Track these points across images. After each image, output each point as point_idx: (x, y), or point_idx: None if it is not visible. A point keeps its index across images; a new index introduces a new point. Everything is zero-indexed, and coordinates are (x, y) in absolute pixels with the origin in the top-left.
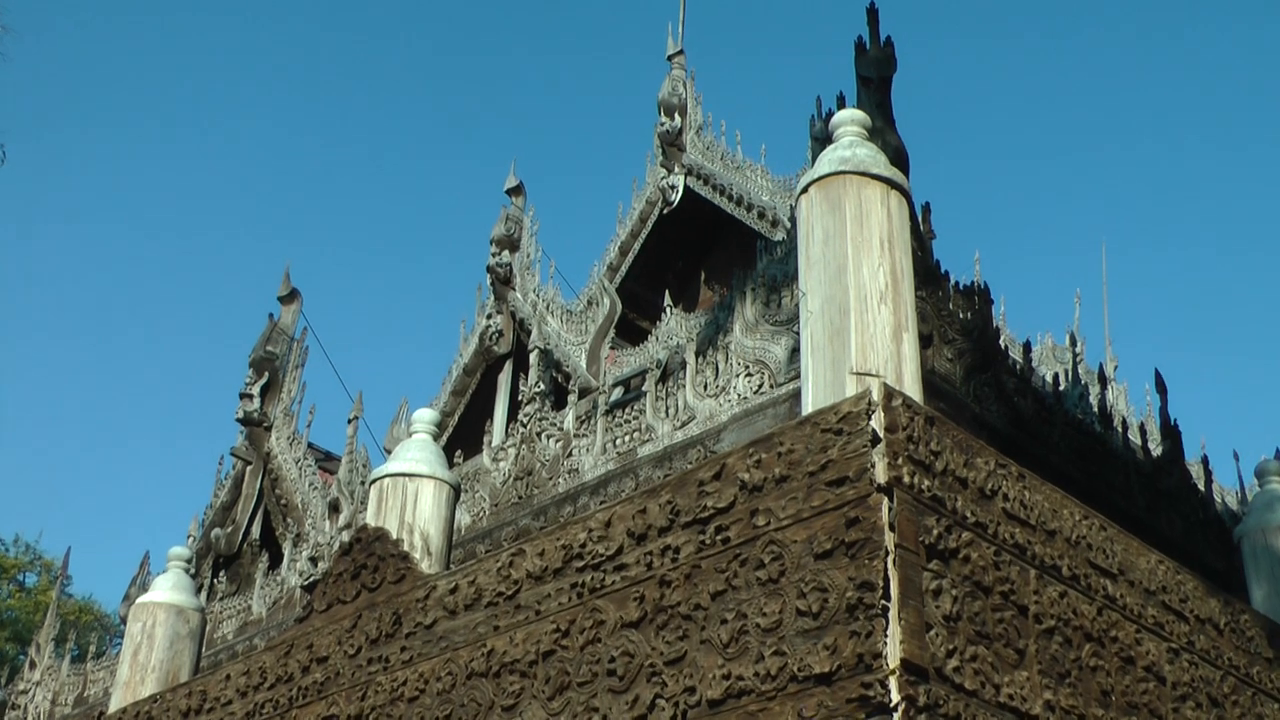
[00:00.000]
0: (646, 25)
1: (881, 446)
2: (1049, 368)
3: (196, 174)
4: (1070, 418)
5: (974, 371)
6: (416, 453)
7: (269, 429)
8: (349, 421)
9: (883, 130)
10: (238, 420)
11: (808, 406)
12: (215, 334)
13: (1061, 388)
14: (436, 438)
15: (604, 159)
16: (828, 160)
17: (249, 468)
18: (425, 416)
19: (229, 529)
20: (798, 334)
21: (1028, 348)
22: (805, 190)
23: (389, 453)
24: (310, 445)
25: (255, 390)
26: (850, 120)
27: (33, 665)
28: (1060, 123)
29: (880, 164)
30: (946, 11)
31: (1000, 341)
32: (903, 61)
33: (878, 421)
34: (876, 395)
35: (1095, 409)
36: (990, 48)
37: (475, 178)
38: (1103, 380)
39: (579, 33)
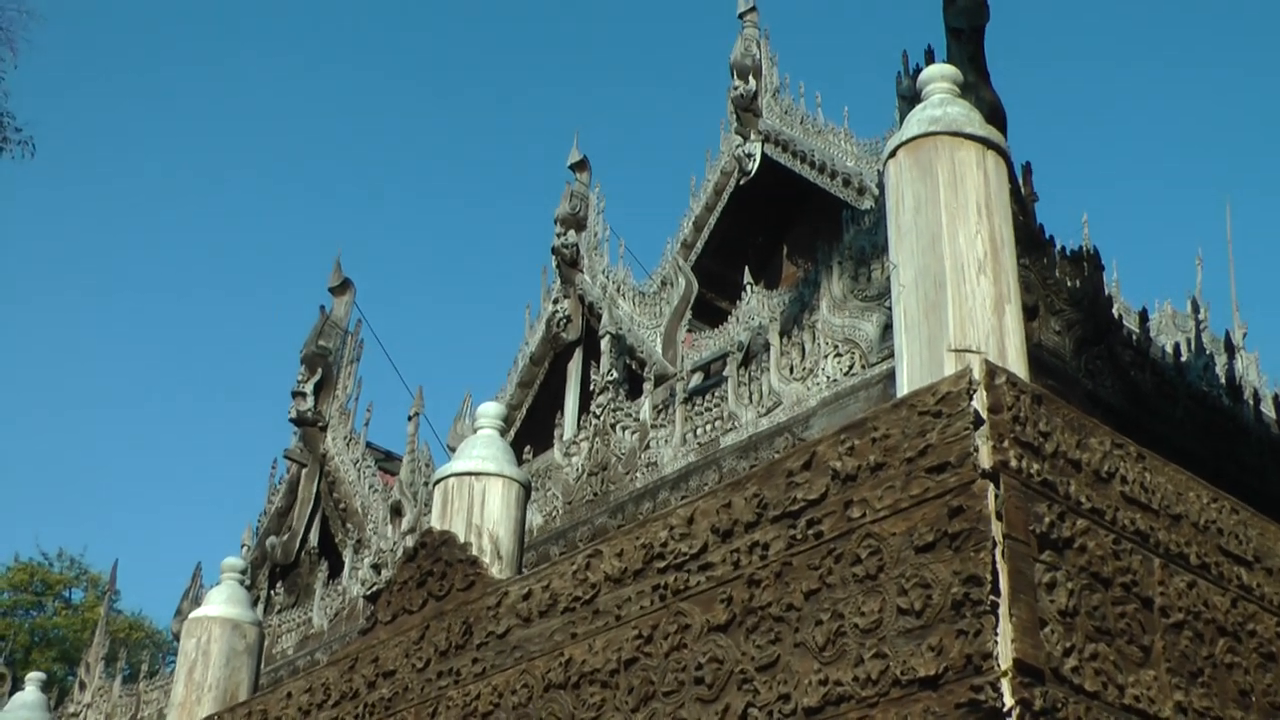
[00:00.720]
0: None
1: (985, 429)
2: (1169, 337)
3: (246, 160)
4: (1194, 391)
5: (1085, 344)
6: (482, 449)
7: (324, 429)
8: (409, 419)
9: (976, 85)
10: (291, 420)
11: (903, 388)
12: (266, 329)
13: (1184, 359)
14: (503, 433)
15: (674, 128)
16: (916, 120)
17: (304, 471)
18: (490, 410)
19: (285, 537)
20: (890, 310)
21: (1144, 316)
22: (893, 154)
23: (453, 450)
24: (369, 445)
25: (308, 388)
26: (940, 76)
27: (83, 686)
28: (1172, 66)
29: (974, 122)
30: None
31: (1114, 310)
32: (996, 8)
33: (980, 402)
34: (978, 373)
35: (1222, 380)
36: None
37: (536, 153)
38: (1230, 349)
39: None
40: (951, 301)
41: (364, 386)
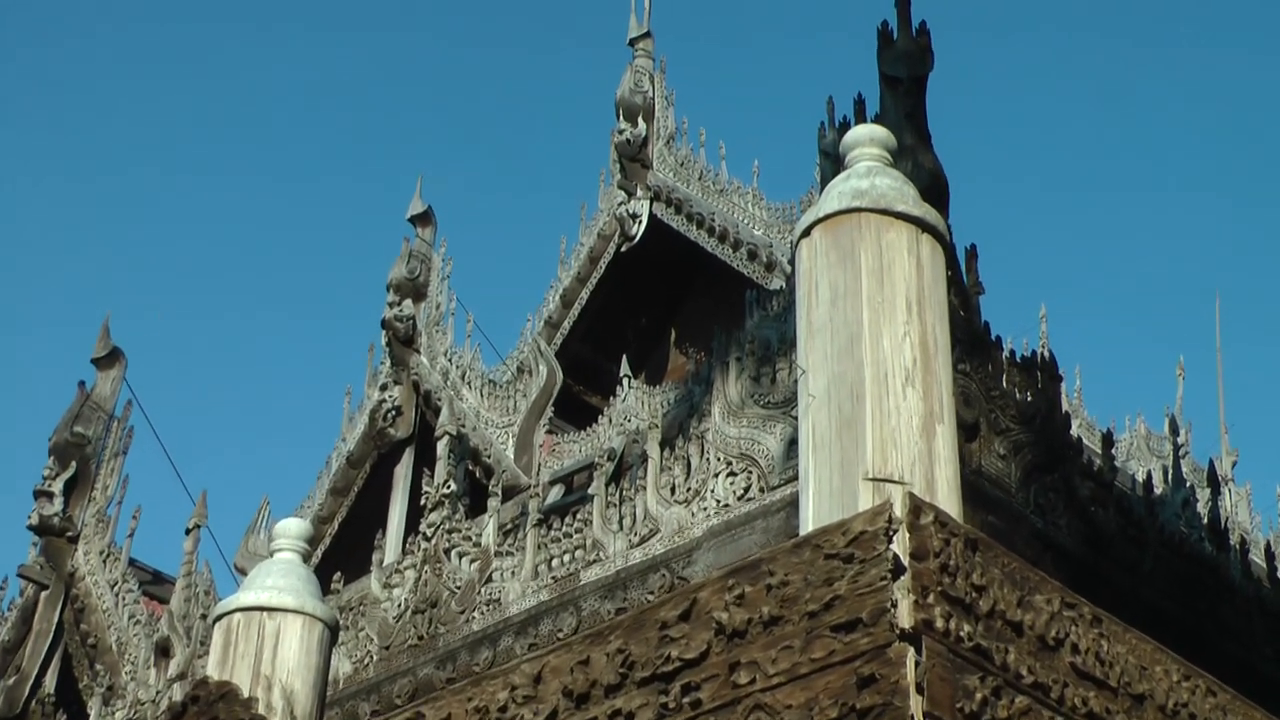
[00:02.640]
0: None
1: (906, 579)
2: (1141, 464)
3: None
4: (1169, 534)
5: (1036, 472)
6: (279, 578)
7: (74, 540)
8: (187, 531)
9: (914, 149)
10: (30, 528)
11: (807, 522)
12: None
13: (1157, 492)
14: (308, 556)
15: (543, 176)
16: (838, 193)
17: (44, 594)
18: (292, 529)
19: (11, 680)
20: (795, 421)
21: (1109, 439)
22: (808, 231)
23: (242, 575)
24: (133, 563)
25: (56, 486)
26: (869, 139)
27: None
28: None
29: (908, 198)
30: None
31: (1073, 430)
32: (941, 57)
33: (901, 544)
34: (900, 509)
35: (1205, 521)
36: (1060, 36)
37: (368, 201)
38: (1214, 481)
39: (508, 8)
40: (871, 418)
41: (131, 486)
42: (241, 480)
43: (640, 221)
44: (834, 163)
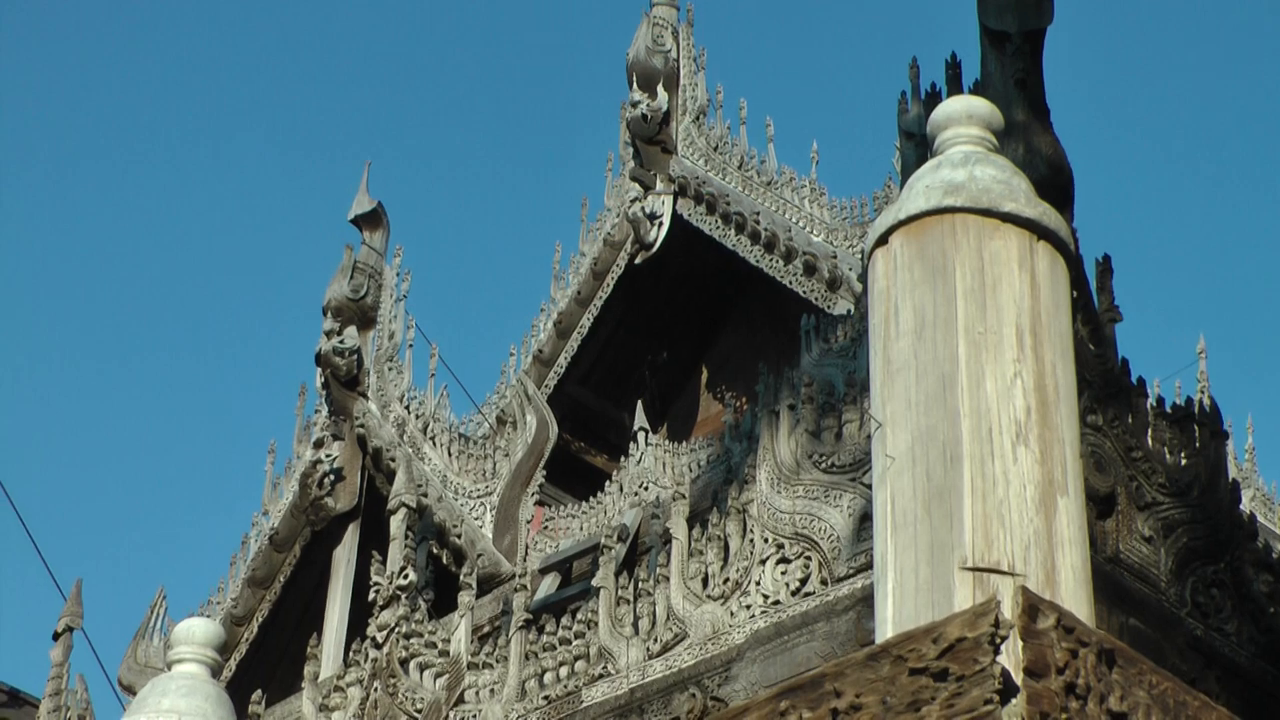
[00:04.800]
0: None
1: (1019, 703)
2: None
3: None
4: None
5: (1194, 560)
6: (180, 698)
7: None
8: (55, 636)
9: (1026, 129)
10: None
11: (886, 627)
12: None
13: None
14: (218, 669)
15: (529, 165)
16: (925, 187)
17: None
18: (198, 631)
19: None
20: (869, 491)
21: None
22: (885, 239)
23: (129, 694)
24: None
25: None
26: (966, 116)
27: None
28: None
29: (1019, 194)
30: None
31: (1244, 504)
32: (1064, 5)
33: (1012, 656)
34: (1010, 609)
35: None
36: None
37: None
38: None
39: None
40: (970, 487)
41: None
42: (128, 567)
43: (660, 224)
44: (919, 147)
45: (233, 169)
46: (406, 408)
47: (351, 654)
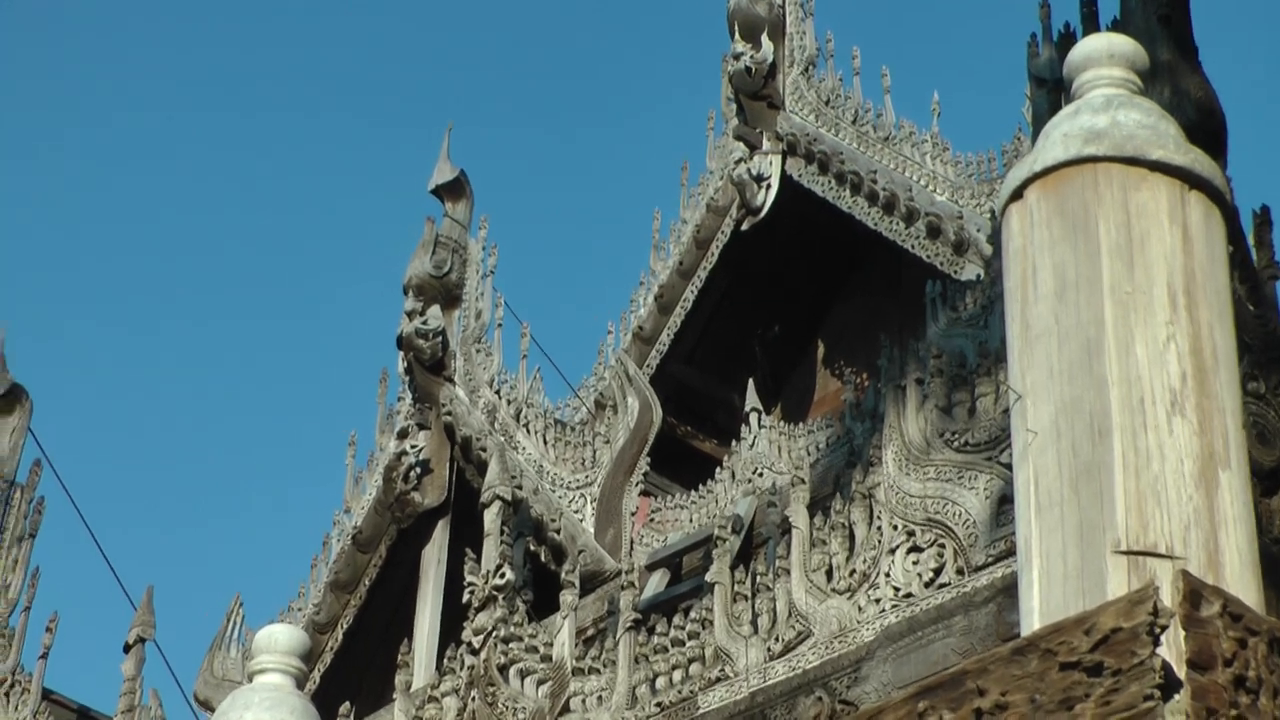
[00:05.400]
0: None
1: (1183, 698)
2: None
3: None
4: None
5: None
6: (264, 712)
7: None
8: (126, 648)
9: (1173, 69)
10: None
11: (1032, 618)
12: None
13: None
14: (303, 679)
15: (622, 125)
16: (1063, 135)
17: None
18: (280, 639)
19: None
20: (1008, 470)
21: None
22: (1019, 193)
23: (207, 711)
24: (48, 696)
25: None
26: (1107, 56)
27: None
28: None
29: (1168, 140)
30: None
31: None
32: None
33: (1173, 647)
34: (1170, 595)
35: None
36: None
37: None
38: None
39: None
40: (1122, 463)
41: (42, 584)
42: (201, 573)
43: (768, 186)
44: (1051, 94)
45: (303, 138)
46: (497, 392)
47: (445, 661)
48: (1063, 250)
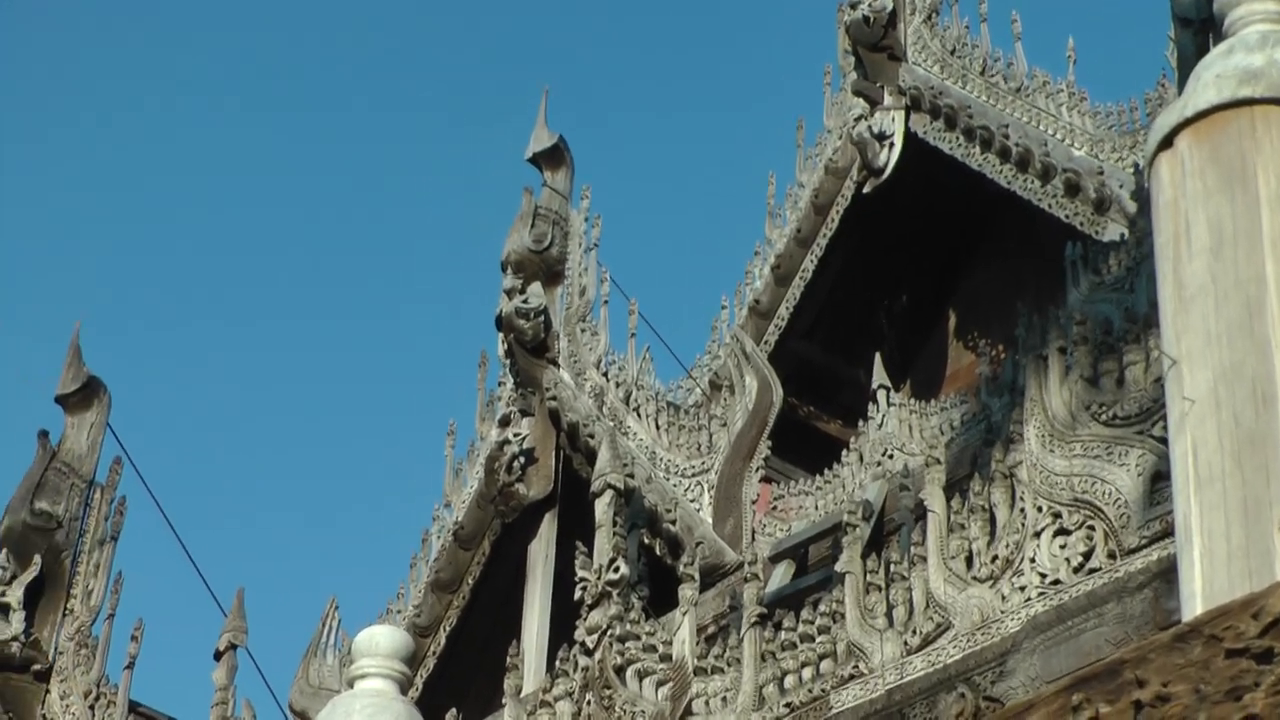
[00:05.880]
0: None
1: None
2: None
3: None
4: None
5: None
6: (367, 719)
7: (45, 676)
8: (218, 655)
9: None
10: None
11: (1194, 602)
12: None
13: None
14: (406, 684)
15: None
16: (1216, 77)
17: None
18: (382, 642)
19: None
20: (1163, 444)
21: None
22: (1169, 142)
23: None
24: (135, 709)
25: (13, 595)
26: None
27: None
28: None
29: None
30: None
31: None
32: None
33: None
34: None
35: None
36: None
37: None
38: None
39: None
40: None
41: (126, 589)
42: (293, 575)
43: (891, 145)
44: (1197, 35)
45: (390, 109)
46: (605, 375)
47: (558, 663)
48: (1218, 202)
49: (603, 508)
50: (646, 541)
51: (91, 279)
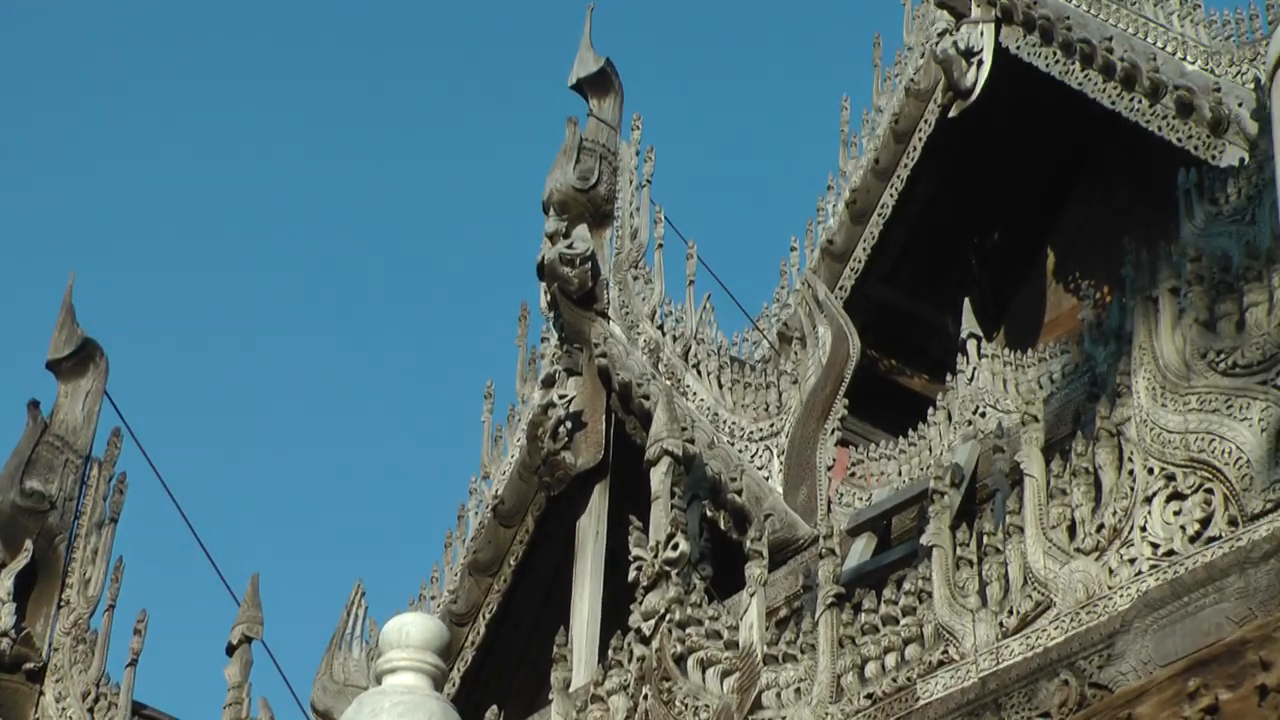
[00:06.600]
0: None
1: None
2: None
3: None
4: None
5: None
6: (398, 718)
7: (39, 676)
8: (230, 650)
9: None
10: None
11: None
12: None
13: None
14: (441, 679)
15: None
16: None
17: None
18: (413, 631)
19: None
20: None
21: None
22: None
23: None
24: (140, 711)
25: (3, 585)
26: None
27: None
28: None
29: None
30: None
31: None
32: None
33: None
34: None
35: None
36: None
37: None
38: None
39: None
40: None
41: (127, 577)
42: (314, 557)
43: (980, 63)
44: None
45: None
46: (660, 327)
47: (611, 653)
48: None
49: (659, 477)
50: (709, 514)
51: (85, 231)
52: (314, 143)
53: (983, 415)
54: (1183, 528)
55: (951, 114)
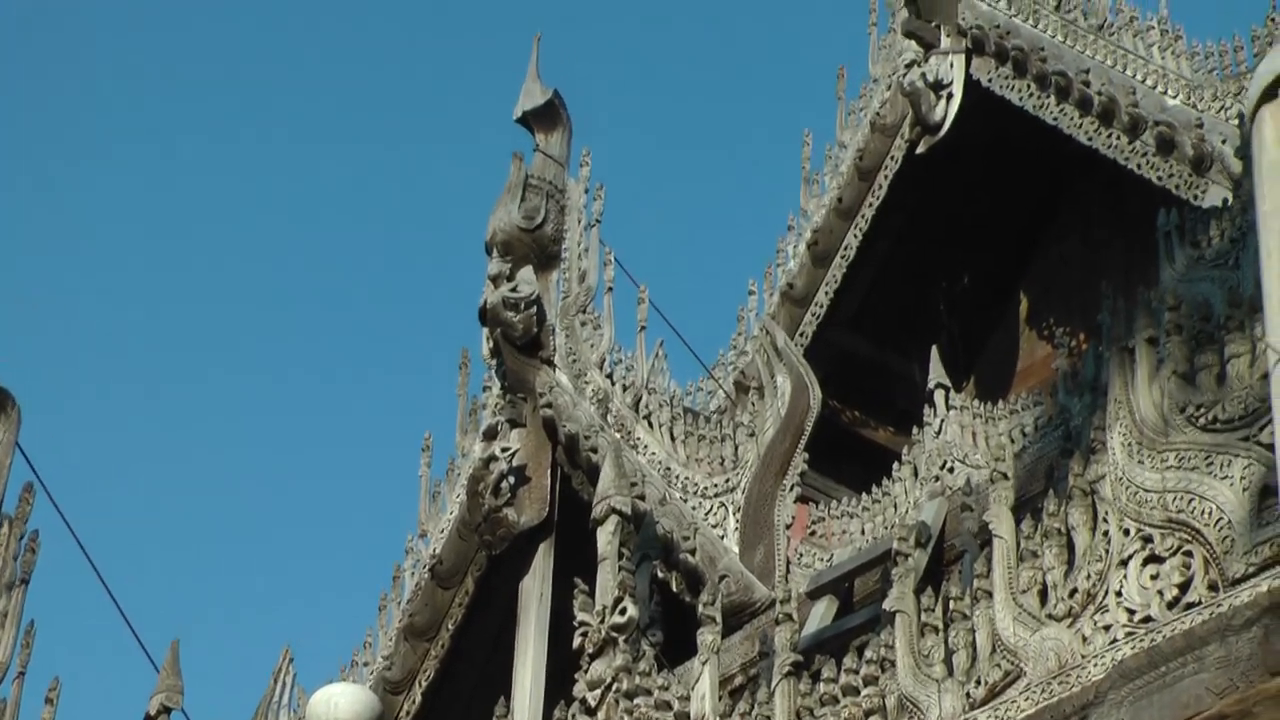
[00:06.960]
0: None
1: None
2: None
3: None
4: None
5: None
6: None
7: None
8: None
9: None
10: None
11: None
12: None
13: None
14: None
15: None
16: None
17: None
18: (343, 702)
19: None
20: (1271, 452)
21: None
22: (1273, 93)
23: None
24: None
25: None
26: None
27: None
28: None
29: None
30: None
31: None
32: None
33: None
34: None
35: None
36: None
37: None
38: None
39: None
40: None
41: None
42: (238, 621)
43: (950, 96)
44: None
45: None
46: (609, 376)
47: None
48: None
49: (606, 537)
50: (660, 576)
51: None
52: (239, 176)
53: (951, 471)
54: (1160, 593)
55: (919, 150)
